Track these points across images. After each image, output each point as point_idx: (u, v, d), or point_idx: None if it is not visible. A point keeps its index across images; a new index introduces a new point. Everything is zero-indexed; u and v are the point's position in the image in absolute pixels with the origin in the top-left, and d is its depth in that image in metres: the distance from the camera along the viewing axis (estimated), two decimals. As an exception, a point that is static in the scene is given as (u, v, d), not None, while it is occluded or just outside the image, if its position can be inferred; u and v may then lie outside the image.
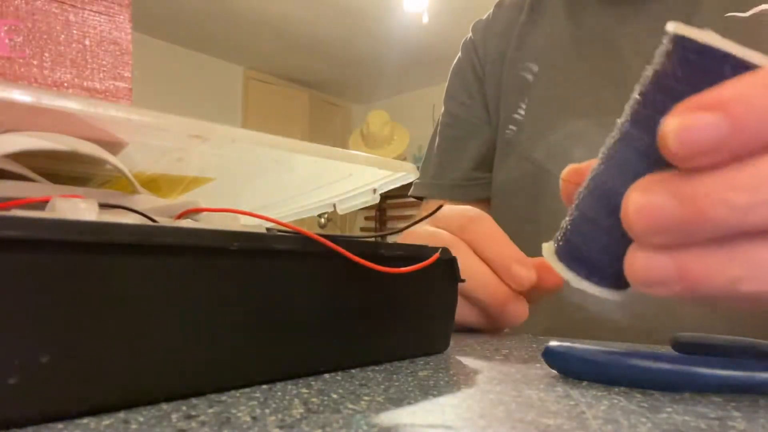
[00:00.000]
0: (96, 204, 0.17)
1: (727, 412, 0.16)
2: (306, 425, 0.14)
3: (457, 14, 2.98)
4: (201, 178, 0.27)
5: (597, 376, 0.20)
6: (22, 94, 0.15)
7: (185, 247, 0.16)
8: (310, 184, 0.30)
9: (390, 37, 3.36)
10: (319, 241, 0.20)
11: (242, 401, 0.16)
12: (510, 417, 0.15)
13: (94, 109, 0.17)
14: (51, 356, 0.14)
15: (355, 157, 0.24)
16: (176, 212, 0.21)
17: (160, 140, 0.21)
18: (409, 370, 0.22)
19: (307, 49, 3.60)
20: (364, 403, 0.16)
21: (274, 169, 0.26)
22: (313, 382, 0.19)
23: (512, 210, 0.57)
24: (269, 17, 3.18)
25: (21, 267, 0.13)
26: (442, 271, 0.26)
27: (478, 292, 0.35)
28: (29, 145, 0.19)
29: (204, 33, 3.39)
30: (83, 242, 0.14)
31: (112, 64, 0.35)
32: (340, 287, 0.21)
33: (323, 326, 0.20)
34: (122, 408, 0.15)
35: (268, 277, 0.19)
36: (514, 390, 0.18)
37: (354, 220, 4.38)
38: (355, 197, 0.31)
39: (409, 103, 4.21)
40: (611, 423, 0.15)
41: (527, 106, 0.57)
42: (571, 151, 0.51)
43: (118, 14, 0.35)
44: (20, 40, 0.31)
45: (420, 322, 0.25)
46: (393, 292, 0.23)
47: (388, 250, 0.23)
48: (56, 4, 0.33)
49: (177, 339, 0.16)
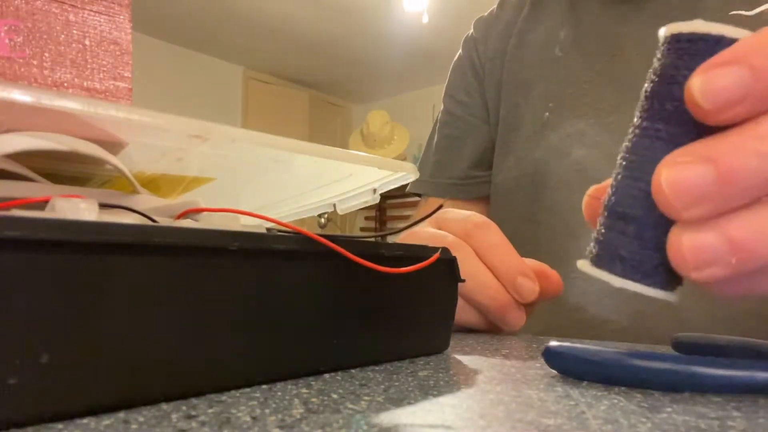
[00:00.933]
0: (96, 204, 0.17)
1: (727, 412, 0.16)
2: (306, 425, 0.14)
3: (457, 14, 2.98)
4: (201, 178, 0.27)
5: (597, 376, 0.20)
6: (22, 94, 0.15)
7: (185, 247, 0.16)
8: (310, 184, 0.30)
9: (390, 36, 3.36)
10: (319, 241, 0.20)
11: (242, 401, 0.16)
12: (510, 417, 0.15)
13: (94, 109, 0.17)
14: (51, 356, 0.14)
15: (355, 157, 0.24)
16: (176, 212, 0.21)
17: (160, 140, 0.21)
18: (409, 370, 0.22)
19: (307, 49, 3.61)
20: (364, 403, 0.16)
21: (274, 169, 0.26)
22: (313, 382, 0.19)
23: (511, 209, 0.57)
24: (269, 17, 3.18)
25: (21, 267, 0.13)
26: (442, 272, 0.26)
27: (480, 296, 0.35)
28: (29, 145, 0.19)
29: (204, 33, 3.39)
30: (83, 242, 0.14)
31: (112, 64, 0.35)
32: (340, 287, 0.21)
33: (323, 326, 0.20)
34: (122, 408, 0.15)
35: (268, 277, 0.19)
36: (514, 390, 0.18)
37: (354, 220, 4.38)
38: (355, 197, 0.31)
39: (409, 103, 4.21)
40: (611, 423, 0.15)
41: (527, 106, 0.57)
42: (572, 151, 0.51)
43: (118, 14, 0.35)
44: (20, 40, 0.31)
45: (420, 322, 0.25)
46: (393, 292, 0.23)
47: (388, 250, 0.23)
48: (56, 4, 0.33)
49: (177, 339, 0.16)
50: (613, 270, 0.18)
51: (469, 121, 0.63)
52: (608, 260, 0.18)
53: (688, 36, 0.17)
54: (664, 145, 0.17)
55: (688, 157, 0.16)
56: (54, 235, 0.14)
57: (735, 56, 0.15)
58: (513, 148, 0.57)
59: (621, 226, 0.18)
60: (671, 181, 0.16)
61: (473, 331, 0.37)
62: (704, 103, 0.15)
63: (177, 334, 0.16)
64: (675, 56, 0.17)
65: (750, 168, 0.15)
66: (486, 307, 0.35)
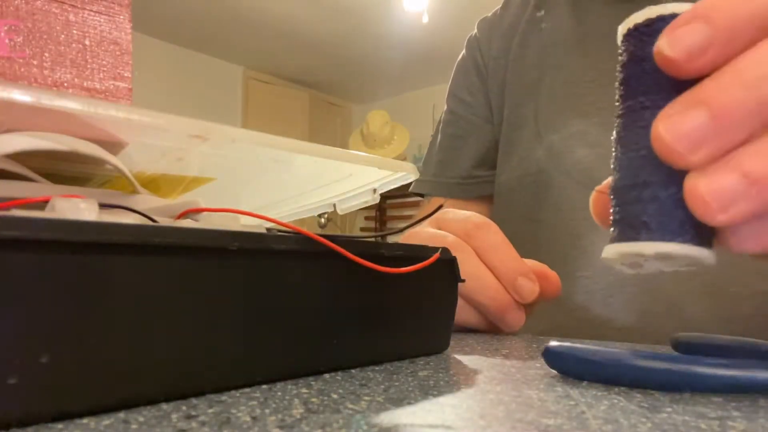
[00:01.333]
0: (96, 204, 0.17)
1: (727, 412, 0.16)
2: (306, 425, 0.14)
3: (457, 14, 2.98)
4: (201, 178, 0.27)
5: (597, 376, 0.20)
6: (22, 94, 0.15)
7: (185, 247, 0.16)
8: (310, 184, 0.30)
9: (390, 36, 3.36)
10: (319, 241, 0.20)
11: (242, 401, 0.16)
12: (510, 417, 0.15)
13: (94, 109, 0.17)
14: (51, 356, 0.14)
15: (355, 157, 0.24)
16: (176, 212, 0.21)
17: (160, 140, 0.21)
18: (409, 370, 0.22)
19: (307, 49, 3.60)
20: (364, 403, 0.16)
21: (274, 169, 0.26)
22: (313, 382, 0.19)
23: (515, 209, 0.57)
24: (269, 17, 3.18)
25: (21, 267, 0.13)
26: (442, 272, 0.26)
27: (480, 296, 0.35)
28: (29, 145, 0.19)
29: (204, 33, 3.39)
30: (83, 242, 0.14)
31: (112, 64, 0.35)
32: (340, 287, 0.21)
33: (323, 326, 0.20)
34: (122, 408, 0.15)
35: (268, 277, 0.19)
36: (514, 390, 0.18)
37: (354, 220, 4.38)
38: (355, 197, 0.30)
39: (409, 103, 4.21)
40: (611, 423, 0.15)
41: (530, 105, 0.57)
42: (574, 151, 0.51)
43: (118, 14, 0.35)
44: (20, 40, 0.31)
45: (420, 322, 0.25)
46: (393, 292, 0.23)
47: (388, 250, 0.23)
48: (56, 4, 0.33)
49: (177, 339, 0.16)
50: (639, 238, 0.18)
51: (473, 121, 0.63)
52: (632, 231, 0.18)
53: (644, 22, 0.18)
54: (651, 111, 0.18)
55: (679, 107, 0.17)
56: (54, 235, 0.14)
57: (692, 14, 0.17)
58: (516, 147, 0.57)
59: (635, 196, 0.18)
60: (669, 130, 0.17)
61: (473, 331, 0.37)
62: (674, 53, 0.17)
63: (177, 334, 0.16)
64: (637, 42, 0.18)
65: (738, 99, 0.16)
66: (486, 307, 0.35)
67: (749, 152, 0.16)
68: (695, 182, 0.16)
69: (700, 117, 0.16)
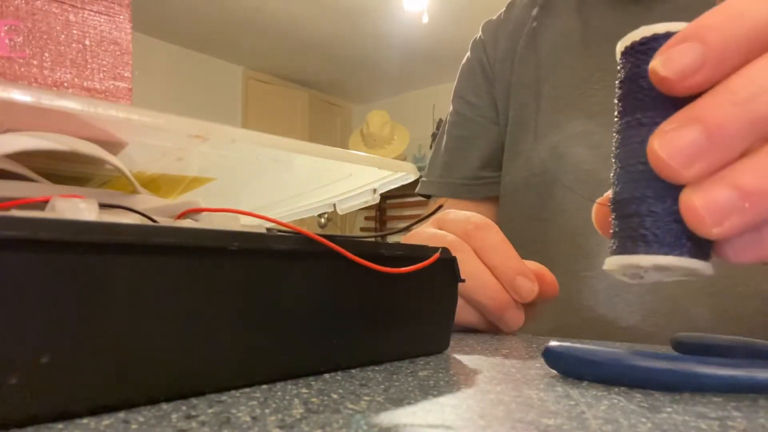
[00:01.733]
0: (96, 204, 0.17)
1: (727, 412, 0.16)
2: (306, 425, 0.14)
3: (457, 14, 2.98)
4: (201, 178, 0.27)
5: (597, 376, 0.20)
6: (22, 94, 0.15)
7: (185, 247, 0.16)
8: (310, 184, 0.30)
9: (390, 37, 3.36)
10: (319, 241, 0.20)
11: (242, 401, 0.16)
12: (510, 417, 0.15)
13: (94, 109, 0.17)
14: (51, 356, 0.14)
15: (355, 157, 0.24)
16: (176, 212, 0.21)
17: (160, 140, 0.21)
18: (409, 370, 0.22)
19: (307, 49, 3.60)
20: (364, 403, 0.16)
21: (274, 169, 0.26)
22: (313, 382, 0.19)
23: (520, 209, 0.57)
24: (269, 17, 3.18)
25: (21, 267, 0.13)
26: (442, 272, 0.26)
27: (479, 296, 0.35)
28: (29, 145, 0.19)
29: (204, 33, 3.39)
30: (83, 242, 0.14)
31: (112, 64, 0.35)
32: (340, 287, 0.21)
33: (323, 326, 0.20)
34: (122, 408, 0.15)
35: (268, 277, 0.19)
36: (514, 390, 0.18)
37: (354, 220, 4.38)
38: (355, 197, 0.31)
39: (409, 103, 4.21)
40: (611, 423, 0.15)
41: (536, 106, 0.57)
42: (580, 151, 0.51)
43: (118, 14, 0.35)
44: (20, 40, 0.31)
45: (420, 322, 0.25)
46: (393, 291, 0.23)
47: (388, 250, 0.23)
48: (56, 4, 0.33)
49: (177, 339, 0.16)
50: (638, 251, 0.18)
51: (479, 122, 0.63)
52: (631, 244, 0.19)
53: (640, 41, 0.19)
54: (648, 128, 0.18)
55: (674, 124, 0.17)
56: (54, 235, 0.14)
57: (686, 34, 0.17)
58: (522, 148, 0.57)
59: (633, 209, 0.19)
60: (664, 146, 0.17)
61: (473, 331, 0.37)
62: (667, 73, 0.17)
63: (177, 334, 0.16)
64: (634, 60, 0.19)
65: (731, 116, 0.16)
66: (485, 306, 0.35)
67: (742, 167, 0.16)
68: (690, 197, 0.17)
69: (694, 133, 0.17)
